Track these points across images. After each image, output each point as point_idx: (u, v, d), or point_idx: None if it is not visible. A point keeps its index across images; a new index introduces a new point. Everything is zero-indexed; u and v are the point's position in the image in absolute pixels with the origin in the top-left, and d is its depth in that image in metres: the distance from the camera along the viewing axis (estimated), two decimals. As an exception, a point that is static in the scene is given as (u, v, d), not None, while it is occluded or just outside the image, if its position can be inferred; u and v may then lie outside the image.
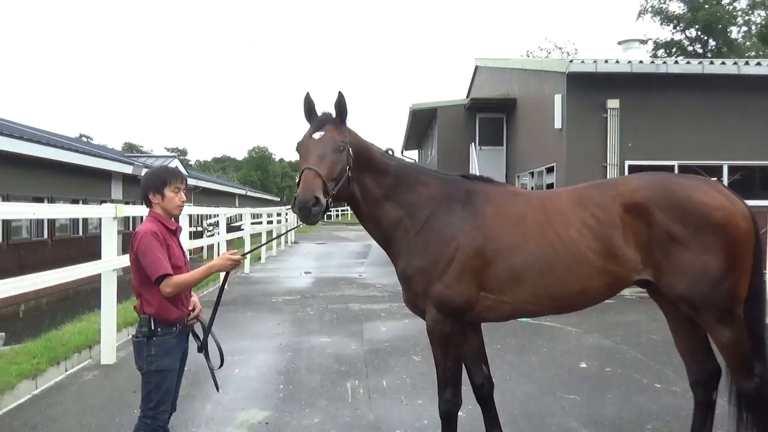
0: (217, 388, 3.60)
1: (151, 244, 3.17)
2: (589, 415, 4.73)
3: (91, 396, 5.28)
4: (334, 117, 3.47)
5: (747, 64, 11.96)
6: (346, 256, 19.68)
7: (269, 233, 20.66)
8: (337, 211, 54.54)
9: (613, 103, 11.87)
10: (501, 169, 18.74)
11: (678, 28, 35.52)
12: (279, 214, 25.43)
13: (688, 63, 12.38)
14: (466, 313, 3.49)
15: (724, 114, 12.06)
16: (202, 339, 3.47)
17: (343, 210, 52.77)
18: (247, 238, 16.36)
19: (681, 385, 5.05)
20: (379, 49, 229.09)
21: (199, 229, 25.66)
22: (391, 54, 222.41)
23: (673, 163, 11.79)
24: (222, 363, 3.52)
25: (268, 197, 63.85)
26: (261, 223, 22.89)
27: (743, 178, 12.03)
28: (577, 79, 12.08)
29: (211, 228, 24.74)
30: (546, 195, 3.94)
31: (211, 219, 26.90)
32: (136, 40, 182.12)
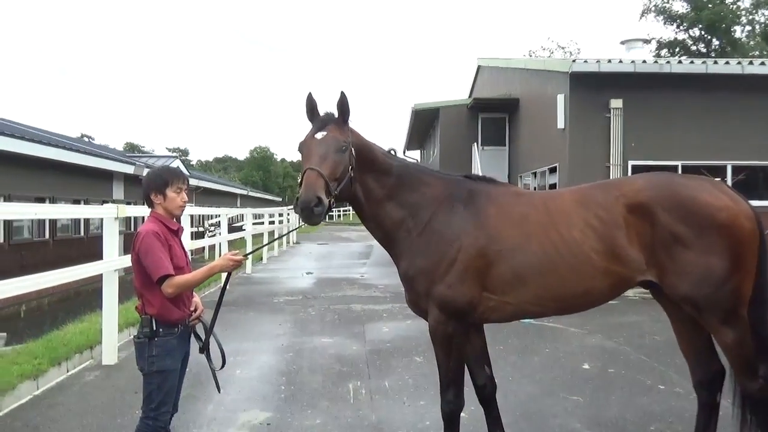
0: (219, 389, 3.60)
1: (152, 244, 3.16)
2: (591, 416, 4.72)
3: (92, 397, 5.28)
4: (337, 117, 3.46)
5: (751, 63, 11.91)
6: (347, 256, 19.67)
7: (271, 233, 20.65)
8: (338, 211, 54.59)
9: (616, 102, 11.84)
10: (503, 170, 18.71)
11: (681, 27, 35.45)
12: (281, 215, 25.40)
13: (692, 63, 12.33)
14: (468, 314, 3.47)
15: (728, 114, 12.02)
16: (204, 340, 3.46)
17: (344, 210, 52.80)
18: (248, 239, 16.36)
19: (684, 387, 5.03)
20: (382, 48, 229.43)
21: (201, 229, 25.67)
22: (394, 54, 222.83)
23: (677, 164, 11.75)
24: (224, 364, 3.51)
25: (270, 197, 63.84)
26: (263, 223, 22.88)
27: (747, 178, 12.00)
28: (580, 78, 12.05)
29: (213, 228, 24.76)
30: (549, 195, 3.92)
31: (212, 219, 26.92)
32: (137, 40, 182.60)
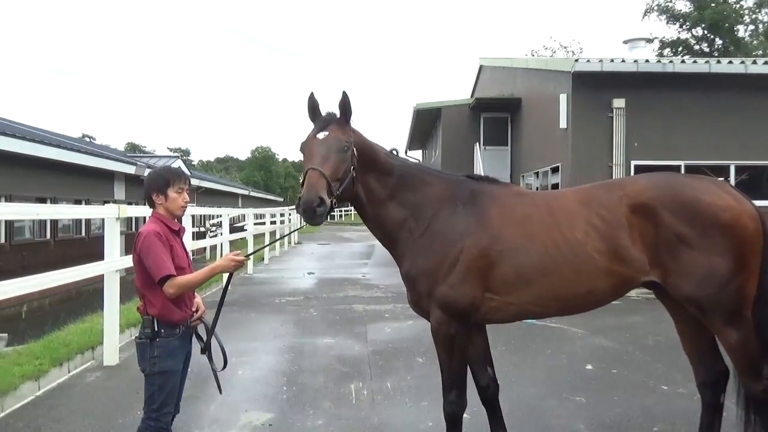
0: (220, 390, 3.59)
1: (154, 244, 3.15)
2: (595, 417, 4.70)
3: (93, 397, 5.27)
4: (339, 117, 3.44)
5: (754, 63, 11.85)
6: (349, 256, 19.66)
7: (272, 234, 20.65)
8: (340, 211, 54.57)
9: (618, 102, 11.80)
10: (505, 170, 18.69)
11: (684, 26, 35.31)
12: (282, 215, 25.42)
13: (695, 62, 12.29)
14: (471, 315, 3.45)
15: (732, 113, 11.97)
16: (206, 340, 3.46)
17: (346, 210, 52.78)
18: (250, 239, 16.37)
19: (688, 387, 4.99)
20: (383, 48, 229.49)
21: (202, 229, 25.66)
22: (395, 53, 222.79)
23: (680, 163, 11.71)
24: (225, 364, 3.50)
25: (271, 197, 63.86)
26: (264, 223, 22.89)
27: (751, 178, 11.97)
28: (582, 78, 12.01)
29: (214, 228, 24.76)
30: (551, 195, 3.91)
31: (214, 219, 26.93)
32: (138, 39, 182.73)
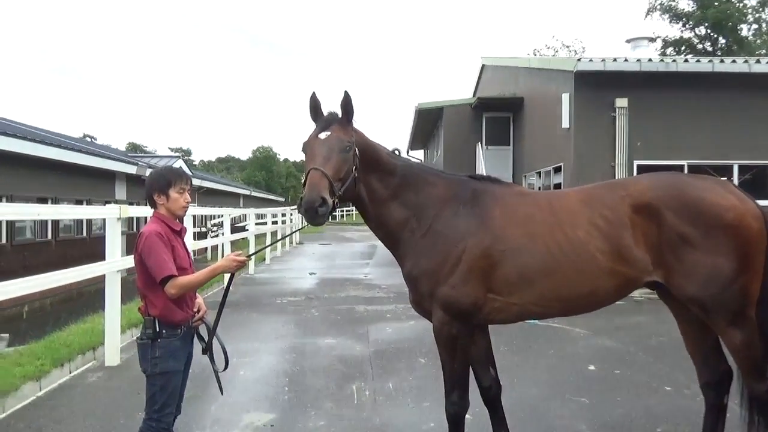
0: (222, 391, 3.57)
1: (155, 245, 3.14)
2: (597, 417, 4.68)
3: (95, 398, 5.27)
4: (341, 117, 3.43)
5: (758, 62, 11.81)
6: (351, 256, 19.65)
7: (274, 234, 20.65)
8: (341, 211, 54.56)
9: (621, 102, 11.78)
10: (508, 169, 18.67)
11: (687, 25, 35.24)
12: (284, 215, 25.41)
13: (698, 61, 12.27)
14: (473, 315, 3.44)
15: (735, 113, 11.95)
16: (207, 341, 3.44)
17: (347, 210, 52.78)
18: (251, 239, 16.36)
19: (692, 388, 4.97)
20: (385, 48, 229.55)
21: (203, 229, 25.68)
22: (397, 53, 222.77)
23: (683, 163, 11.69)
24: (227, 365, 3.50)
25: (273, 197, 63.94)
26: (265, 223, 22.89)
27: (754, 177, 11.94)
28: (585, 77, 11.99)
29: (216, 229, 24.78)
30: (554, 195, 3.89)
31: (215, 219, 26.94)
32: (139, 39, 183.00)
